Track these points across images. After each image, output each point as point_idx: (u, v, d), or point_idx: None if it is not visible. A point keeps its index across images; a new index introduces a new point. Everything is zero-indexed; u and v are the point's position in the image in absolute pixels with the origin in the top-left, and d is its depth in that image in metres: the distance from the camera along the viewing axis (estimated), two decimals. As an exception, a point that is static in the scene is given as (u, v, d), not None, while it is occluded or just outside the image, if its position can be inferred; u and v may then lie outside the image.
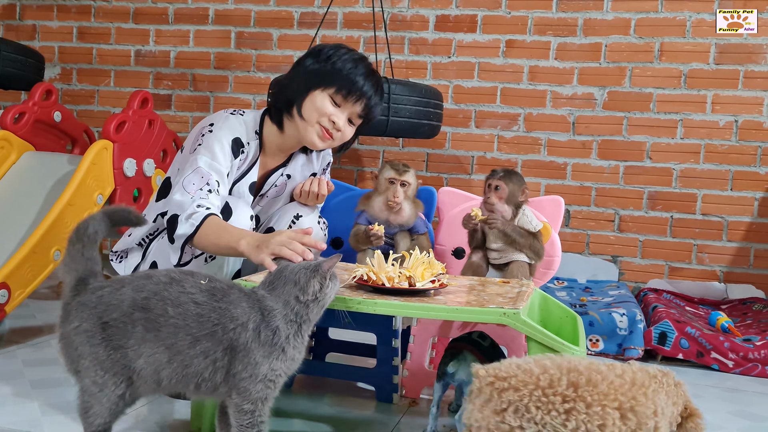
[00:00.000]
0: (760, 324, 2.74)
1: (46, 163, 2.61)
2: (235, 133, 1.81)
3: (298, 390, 1.96)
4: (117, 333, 1.28)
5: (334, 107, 1.81)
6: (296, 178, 1.99)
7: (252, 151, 1.87)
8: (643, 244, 3.35)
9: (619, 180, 3.35)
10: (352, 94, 1.80)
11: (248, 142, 1.86)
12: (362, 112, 1.84)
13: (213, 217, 1.64)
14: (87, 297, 1.31)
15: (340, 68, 1.80)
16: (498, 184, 2.06)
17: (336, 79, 1.79)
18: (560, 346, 1.38)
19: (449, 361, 1.59)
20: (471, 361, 1.57)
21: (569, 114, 3.39)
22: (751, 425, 1.91)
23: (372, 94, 1.83)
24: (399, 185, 2.04)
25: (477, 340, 1.63)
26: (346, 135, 1.86)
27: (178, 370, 1.29)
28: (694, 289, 3.24)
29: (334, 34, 3.61)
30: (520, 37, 3.42)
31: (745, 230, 3.25)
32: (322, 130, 1.81)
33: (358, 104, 1.82)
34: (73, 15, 3.92)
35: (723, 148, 3.25)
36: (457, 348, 1.60)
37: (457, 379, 1.60)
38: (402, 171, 2.05)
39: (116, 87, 3.89)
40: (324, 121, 1.80)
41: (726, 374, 2.41)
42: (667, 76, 3.28)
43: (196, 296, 1.30)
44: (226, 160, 1.76)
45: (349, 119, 1.84)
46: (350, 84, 1.79)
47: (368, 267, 1.56)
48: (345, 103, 1.81)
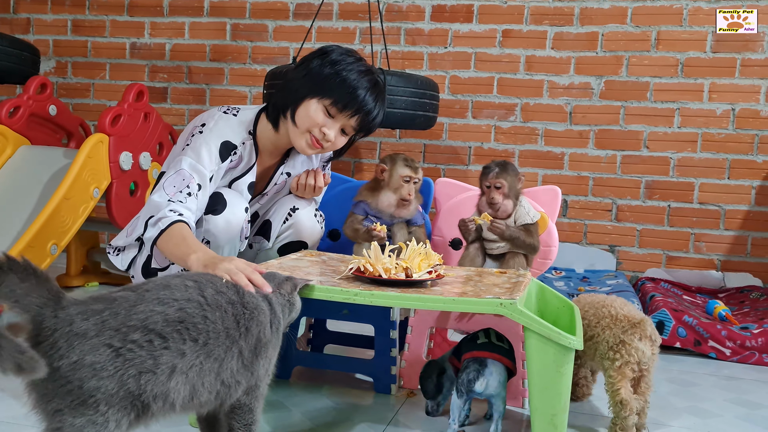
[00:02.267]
0: (757, 312, 2.75)
1: (42, 157, 2.60)
2: (224, 137, 1.79)
3: (297, 382, 1.97)
4: (137, 357, 1.08)
5: (326, 118, 1.78)
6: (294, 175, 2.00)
7: (247, 152, 1.85)
8: (640, 233, 3.35)
9: (616, 169, 3.35)
10: (349, 108, 1.76)
11: (242, 142, 1.83)
12: (357, 125, 1.81)
13: (180, 224, 1.60)
14: (80, 326, 1.06)
15: (343, 78, 1.75)
16: (499, 183, 2.04)
17: (335, 89, 1.75)
18: (557, 336, 1.38)
19: (475, 377, 1.52)
20: (499, 373, 1.54)
21: (566, 104, 3.38)
22: (748, 413, 1.92)
23: (372, 107, 1.79)
24: (412, 183, 2.03)
25: (498, 344, 1.59)
26: (336, 145, 1.84)
27: (214, 380, 1.17)
28: (692, 278, 3.25)
29: (330, 25, 3.60)
30: (517, 26, 3.41)
31: (742, 219, 3.26)
32: (312, 139, 1.79)
33: (354, 118, 1.79)
34: (68, 8, 3.90)
35: (720, 136, 3.25)
36: (479, 358, 1.54)
37: (486, 395, 1.55)
38: (417, 169, 2.03)
39: (111, 80, 3.87)
40: (315, 131, 1.78)
41: (723, 362, 2.42)
42: (663, 65, 3.28)
43: (228, 295, 1.22)
44: (211, 163, 1.74)
45: (343, 129, 1.81)
46: (349, 97, 1.75)
47: (365, 258, 1.56)
48: (339, 115, 1.78)
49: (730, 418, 1.86)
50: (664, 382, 2.16)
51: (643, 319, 1.65)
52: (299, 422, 1.67)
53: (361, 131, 1.85)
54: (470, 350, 1.59)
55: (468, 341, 1.65)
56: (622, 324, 1.64)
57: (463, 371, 1.55)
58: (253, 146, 1.86)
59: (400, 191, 2.00)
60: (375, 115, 1.81)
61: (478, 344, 1.59)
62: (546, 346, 1.40)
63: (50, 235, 2.24)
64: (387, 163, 2.03)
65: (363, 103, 1.77)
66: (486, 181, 2.07)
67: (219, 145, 1.77)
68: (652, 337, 1.63)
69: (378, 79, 1.82)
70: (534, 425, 1.45)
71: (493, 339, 1.60)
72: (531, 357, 1.42)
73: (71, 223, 2.35)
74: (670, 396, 2.03)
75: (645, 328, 1.63)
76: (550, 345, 1.39)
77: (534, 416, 1.45)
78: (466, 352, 1.60)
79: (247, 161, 1.86)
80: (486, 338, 1.60)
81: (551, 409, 1.43)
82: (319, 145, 1.80)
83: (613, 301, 1.72)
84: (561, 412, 1.44)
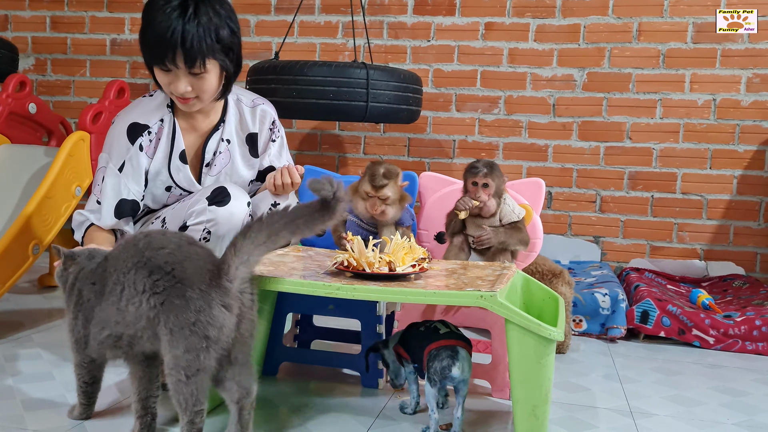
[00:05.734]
0: (740, 300, 2.78)
1: (22, 156, 2.57)
2: (130, 120, 1.80)
3: (284, 378, 1.96)
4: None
5: (167, 75, 1.71)
6: (235, 142, 1.92)
7: (167, 124, 1.84)
8: (624, 224, 3.37)
9: (599, 161, 3.37)
10: (162, 59, 1.66)
11: (160, 119, 1.83)
12: (185, 62, 1.66)
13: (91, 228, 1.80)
14: None
15: (148, 35, 1.67)
16: (486, 182, 2.04)
17: (149, 48, 1.68)
18: (537, 328, 1.39)
19: (450, 364, 1.53)
20: (468, 359, 1.56)
21: (549, 96, 3.39)
22: (732, 400, 1.94)
23: (186, 33, 1.63)
24: (377, 199, 1.92)
25: (460, 333, 1.61)
26: (205, 90, 1.73)
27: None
28: (675, 268, 3.28)
29: (312, 19, 3.58)
30: (499, 19, 3.41)
31: (724, 208, 3.28)
32: (178, 100, 1.76)
33: (181, 61, 1.66)
34: (46, 4, 3.86)
35: (701, 126, 3.28)
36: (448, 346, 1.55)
37: (460, 379, 1.55)
38: (379, 187, 1.89)
39: (92, 77, 3.84)
40: (171, 92, 1.75)
41: (707, 350, 2.45)
42: (645, 56, 3.29)
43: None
44: (121, 149, 1.80)
45: (194, 74, 1.69)
46: (160, 47, 1.64)
47: (348, 253, 1.56)
48: (173, 68, 1.68)
49: (714, 406, 1.88)
50: (649, 371, 2.18)
51: (563, 271, 2.37)
52: (287, 418, 1.67)
53: (220, 61, 1.72)
54: (436, 340, 1.57)
55: (424, 332, 1.62)
56: (548, 275, 2.33)
57: (433, 360, 1.54)
58: (172, 116, 1.85)
59: (366, 204, 1.93)
60: (196, 37, 1.64)
61: (442, 334, 1.58)
62: (526, 338, 1.41)
63: (32, 235, 2.22)
64: (365, 170, 1.97)
65: (173, 41, 1.63)
66: (473, 179, 2.05)
67: (126, 129, 1.80)
68: (570, 283, 2.37)
69: (188, 3, 1.67)
70: (516, 416, 1.46)
71: (453, 328, 1.61)
72: (512, 348, 1.43)
73: (53, 222, 2.32)
74: (655, 385, 2.04)
75: (565, 277, 2.36)
76: (530, 336, 1.40)
77: (516, 407, 1.46)
78: (431, 343, 1.57)
79: (168, 132, 1.84)
80: (447, 328, 1.61)
81: (533, 400, 1.44)
82: (185, 101, 1.75)
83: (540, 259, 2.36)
84: (542, 403, 1.45)
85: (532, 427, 1.45)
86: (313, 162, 3.61)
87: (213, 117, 1.90)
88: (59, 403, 1.67)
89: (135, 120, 1.81)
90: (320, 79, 2.61)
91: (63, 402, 1.67)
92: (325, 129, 3.63)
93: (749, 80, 3.21)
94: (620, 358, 2.31)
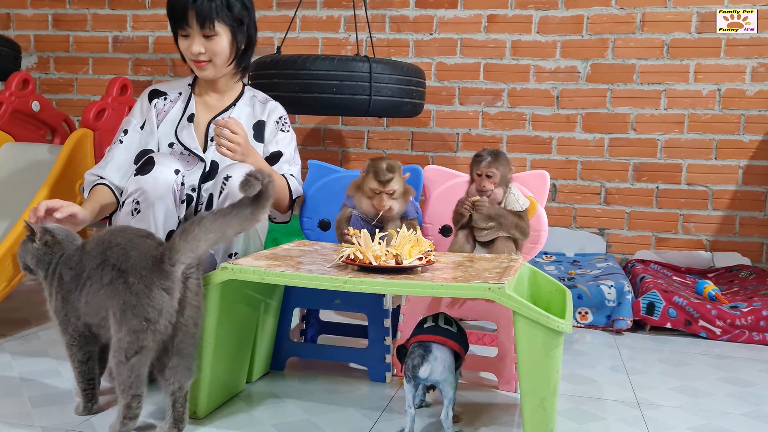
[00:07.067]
0: (746, 291, 2.77)
1: (26, 154, 2.57)
2: (153, 87, 2.04)
3: (291, 373, 1.96)
4: None
5: (186, 41, 1.91)
6: (243, 123, 1.95)
7: (184, 96, 2.03)
8: (629, 215, 3.36)
9: (604, 152, 3.36)
10: (180, 21, 1.87)
11: (179, 91, 2.03)
12: (203, 24, 1.86)
13: (97, 187, 1.89)
14: None
15: (168, 4, 1.89)
16: (491, 172, 2.03)
17: (170, 18, 1.90)
18: (545, 320, 1.39)
19: (419, 363, 1.44)
20: (444, 358, 1.46)
21: (553, 88, 3.38)
22: (739, 390, 1.93)
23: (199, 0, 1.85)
24: (384, 195, 1.91)
25: (445, 328, 1.52)
26: (217, 54, 1.91)
27: None
28: (681, 259, 3.27)
29: (314, 14, 3.57)
30: (502, 11, 3.40)
31: (730, 198, 3.27)
32: (194, 64, 1.93)
33: (195, 23, 1.86)
34: (48, 2, 3.85)
35: (706, 117, 3.26)
36: (424, 342, 1.47)
37: (432, 380, 1.47)
38: (386, 181, 1.88)
39: (95, 74, 3.83)
40: (188, 57, 1.93)
41: (714, 341, 2.44)
42: (649, 47, 3.28)
43: None
44: (141, 111, 2.00)
45: (206, 36, 1.89)
46: (173, 11, 1.88)
47: (355, 246, 1.56)
48: (188, 29, 1.88)
49: (721, 397, 1.88)
50: (656, 362, 2.18)
51: None
52: (294, 413, 1.67)
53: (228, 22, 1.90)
54: (416, 334, 1.52)
55: (417, 326, 1.58)
56: None
57: (408, 356, 1.48)
58: (190, 89, 2.05)
59: (372, 201, 1.92)
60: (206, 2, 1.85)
61: (423, 328, 1.53)
62: (534, 330, 1.40)
63: (37, 233, 2.22)
64: (366, 168, 1.96)
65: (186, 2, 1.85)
66: (477, 169, 2.05)
67: (148, 94, 2.03)
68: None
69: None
70: (524, 408, 1.46)
71: (440, 322, 1.54)
72: (520, 341, 1.43)
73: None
74: (662, 376, 2.04)
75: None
76: (538, 329, 1.40)
77: (524, 400, 1.45)
78: (412, 336, 1.53)
79: (183, 101, 2.03)
80: (433, 322, 1.54)
81: (541, 393, 1.44)
82: (200, 64, 1.92)
83: None
84: (551, 396, 1.45)
85: (540, 419, 1.45)
86: (316, 157, 3.60)
87: (227, 99, 2.05)
88: (66, 400, 1.67)
89: (156, 88, 2.05)
90: (323, 73, 2.60)
91: (70, 399, 1.68)
92: (328, 124, 3.62)
93: (754, 70, 3.20)
94: (626, 350, 2.30)
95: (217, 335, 1.58)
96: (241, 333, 1.73)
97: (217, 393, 1.66)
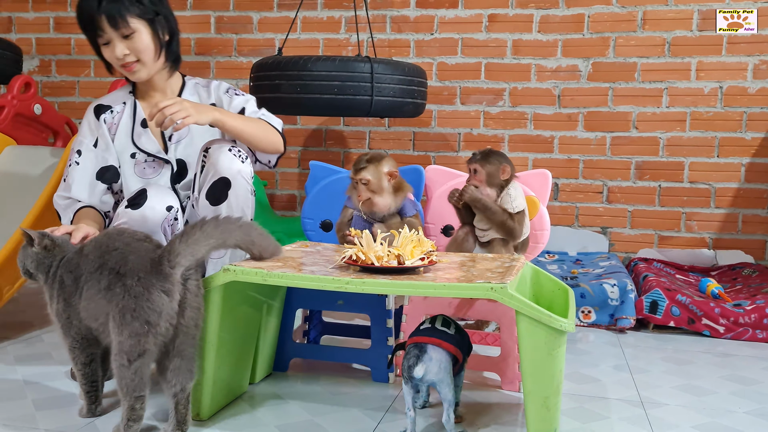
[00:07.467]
0: (749, 289, 2.76)
1: (29, 157, 2.58)
2: (95, 104, 1.96)
3: (294, 374, 1.97)
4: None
5: (108, 48, 1.82)
6: None
7: (128, 106, 1.95)
8: (631, 214, 3.36)
9: (606, 151, 3.35)
10: (95, 29, 1.79)
11: (123, 102, 1.95)
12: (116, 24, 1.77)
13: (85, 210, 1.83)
14: None
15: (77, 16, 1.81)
16: (475, 168, 2.05)
17: (82, 29, 1.82)
18: (548, 319, 1.39)
19: (414, 363, 1.43)
20: (440, 359, 1.45)
21: (554, 87, 3.38)
22: (743, 388, 1.93)
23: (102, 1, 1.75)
24: (360, 183, 1.91)
25: (442, 330, 1.50)
26: (142, 52, 1.81)
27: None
28: (684, 257, 3.26)
29: (315, 15, 3.58)
30: (503, 11, 3.40)
31: (732, 196, 3.27)
32: (124, 69, 1.84)
33: (108, 26, 1.77)
34: (49, 5, 3.86)
35: (708, 115, 3.26)
36: (419, 344, 1.46)
37: (427, 381, 1.46)
38: (358, 169, 1.88)
39: (96, 77, 3.84)
40: (113, 63, 1.84)
41: (717, 340, 2.44)
42: (650, 45, 3.27)
43: None
44: (91, 127, 1.92)
45: (125, 36, 1.79)
46: (84, 23, 1.80)
47: (357, 247, 1.56)
48: (101, 32, 1.79)
49: (725, 395, 1.87)
50: (659, 361, 2.18)
51: None
52: (298, 414, 1.67)
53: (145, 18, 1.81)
54: (412, 336, 1.51)
55: (417, 328, 1.56)
56: None
57: (404, 358, 1.47)
58: (134, 101, 1.96)
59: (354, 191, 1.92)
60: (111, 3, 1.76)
61: (420, 330, 1.51)
62: (537, 330, 1.40)
63: (40, 235, 2.23)
64: None
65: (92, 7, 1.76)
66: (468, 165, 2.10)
67: (92, 110, 1.95)
68: None
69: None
70: (527, 408, 1.45)
71: (438, 324, 1.52)
72: (523, 340, 1.43)
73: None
74: (665, 374, 2.04)
75: None
76: (541, 328, 1.40)
77: (527, 399, 1.45)
78: (410, 338, 1.52)
79: (129, 110, 1.95)
80: (430, 323, 1.52)
81: (544, 392, 1.44)
82: (130, 68, 1.83)
83: None
84: (554, 395, 1.45)
85: (544, 418, 1.45)
86: (318, 158, 3.61)
87: (170, 95, 1.97)
88: (70, 403, 1.67)
89: (100, 103, 1.96)
90: (324, 74, 2.60)
91: (74, 401, 1.68)
92: (330, 125, 3.62)
93: (756, 67, 3.19)
94: (630, 349, 2.30)
95: (219, 337, 1.58)
96: (243, 334, 1.73)
97: (220, 394, 1.66)
